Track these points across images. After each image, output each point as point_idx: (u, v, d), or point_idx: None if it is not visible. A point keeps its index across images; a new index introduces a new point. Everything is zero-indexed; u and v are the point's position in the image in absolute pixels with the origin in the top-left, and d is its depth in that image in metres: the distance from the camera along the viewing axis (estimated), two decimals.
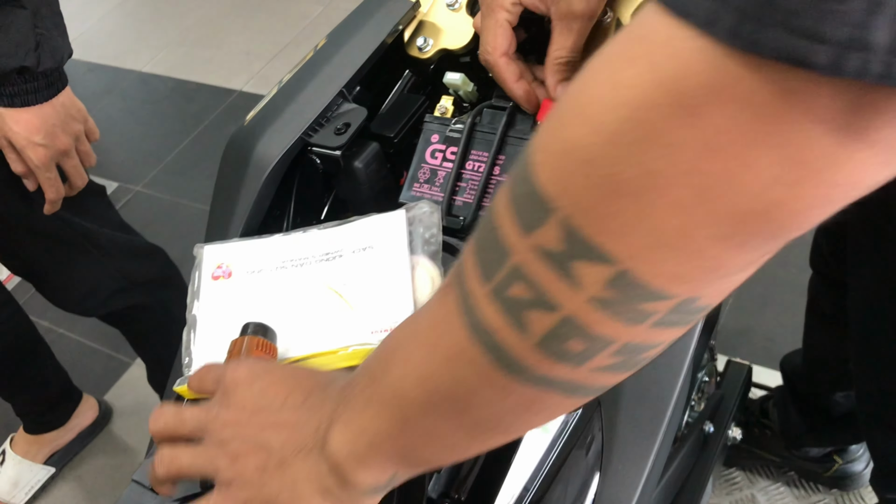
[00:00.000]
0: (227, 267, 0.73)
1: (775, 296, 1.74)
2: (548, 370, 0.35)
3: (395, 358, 0.41)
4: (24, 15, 0.99)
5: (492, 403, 0.37)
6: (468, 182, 0.72)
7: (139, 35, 3.27)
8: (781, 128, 0.27)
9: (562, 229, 0.31)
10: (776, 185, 0.28)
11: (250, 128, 0.80)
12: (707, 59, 0.26)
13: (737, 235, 0.30)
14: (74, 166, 1.15)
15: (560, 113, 0.32)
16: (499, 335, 0.34)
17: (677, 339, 0.59)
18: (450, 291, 0.37)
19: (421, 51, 0.82)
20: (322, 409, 0.47)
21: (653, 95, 0.28)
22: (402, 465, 0.44)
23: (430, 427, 0.41)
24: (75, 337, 2.13)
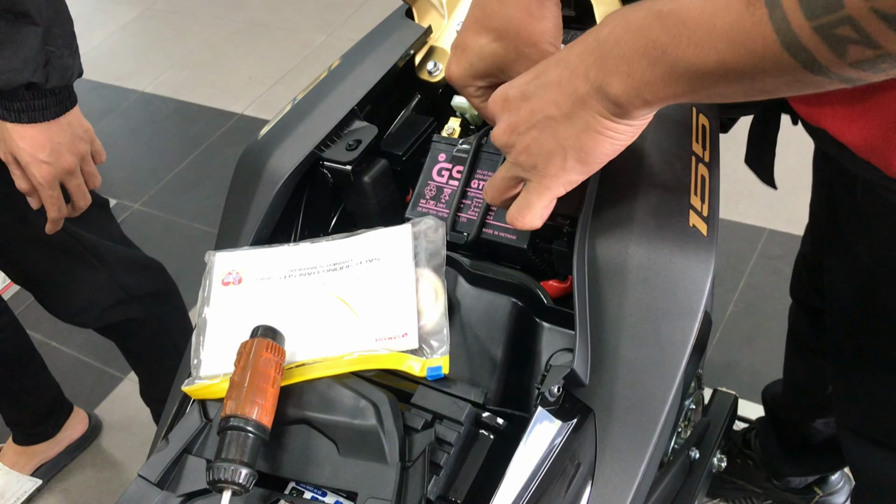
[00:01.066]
0: (238, 273, 0.76)
1: (761, 331, 1.77)
2: (849, 73, 0.45)
3: (687, 40, 0.49)
4: (35, 32, 1.01)
5: (783, 85, 0.48)
6: (473, 200, 0.76)
7: (143, 56, 3.32)
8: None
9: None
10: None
11: (264, 141, 0.83)
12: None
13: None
14: (78, 186, 1.15)
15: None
16: (817, 54, 0.44)
17: (671, 351, 0.62)
18: (757, 9, 0.45)
19: (431, 74, 0.86)
20: (579, 61, 0.56)
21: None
22: (679, 101, 0.54)
23: (716, 91, 0.51)
24: (68, 350, 2.13)
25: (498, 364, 0.68)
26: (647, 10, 0.52)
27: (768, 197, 2.04)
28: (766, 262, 1.93)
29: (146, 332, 1.55)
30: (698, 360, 1.06)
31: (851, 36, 0.42)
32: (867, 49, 0.43)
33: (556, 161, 0.60)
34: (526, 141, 0.61)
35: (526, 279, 0.71)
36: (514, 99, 0.62)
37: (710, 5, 0.48)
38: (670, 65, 0.51)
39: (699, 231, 0.66)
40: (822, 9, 0.42)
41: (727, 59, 0.48)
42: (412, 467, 0.60)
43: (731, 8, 0.46)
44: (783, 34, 0.44)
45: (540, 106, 0.59)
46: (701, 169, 0.70)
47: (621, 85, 0.54)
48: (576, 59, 0.57)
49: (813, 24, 0.43)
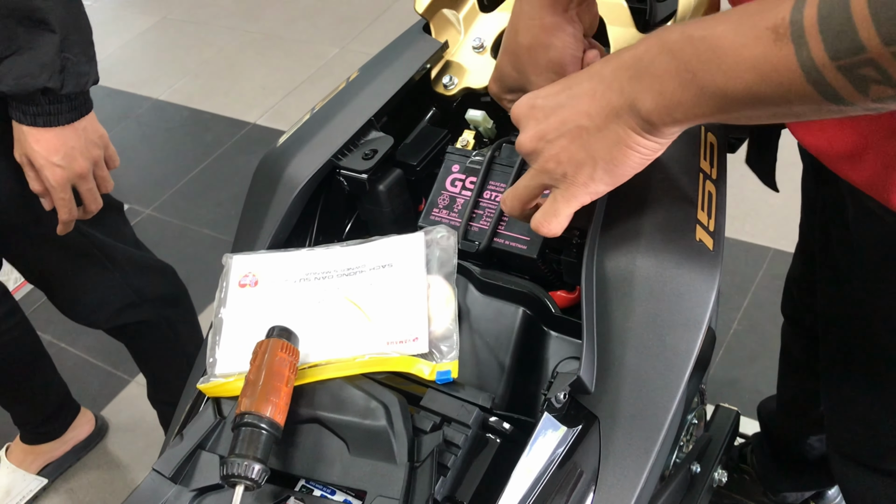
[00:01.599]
0: (254, 276, 0.78)
1: (765, 350, 1.78)
2: (872, 106, 0.48)
3: (717, 67, 0.51)
4: (52, 39, 1.04)
5: (808, 112, 0.51)
6: (484, 210, 0.77)
7: (158, 64, 3.36)
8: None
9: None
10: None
11: (283, 148, 0.85)
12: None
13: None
14: (90, 190, 1.18)
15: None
16: (840, 90, 0.47)
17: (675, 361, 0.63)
18: (784, 45, 0.47)
19: (446, 88, 0.88)
20: (614, 76, 0.58)
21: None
22: (709, 122, 0.57)
23: (743, 114, 0.53)
24: (76, 352, 2.15)
25: (505, 370, 0.70)
26: (681, 32, 0.54)
27: (774, 217, 2.05)
28: (771, 281, 1.94)
29: (156, 334, 1.56)
30: (702, 375, 1.08)
31: (874, 76, 0.45)
32: (889, 88, 0.45)
33: (586, 171, 0.62)
34: (555, 149, 0.62)
35: (535, 288, 0.73)
36: (542, 107, 0.64)
37: (741, 36, 0.50)
38: (700, 87, 0.53)
39: (705, 245, 0.68)
40: (845, 51, 0.45)
41: (754, 88, 0.50)
42: (420, 468, 0.62)
43: (760, 41, 0.48)
44: (808, 70, 0.47)
45: (571, 116, 0.61)
46: (708, 185, 0.72)
47: (653, 103, 0.56)
48: (610, 74, 0.59)
49: (836, 63, 0.45)
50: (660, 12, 0.83)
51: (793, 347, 1.29)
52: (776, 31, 0.47)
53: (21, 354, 1.62)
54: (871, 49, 0.44)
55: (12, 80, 1.03)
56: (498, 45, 0.90)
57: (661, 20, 0.83)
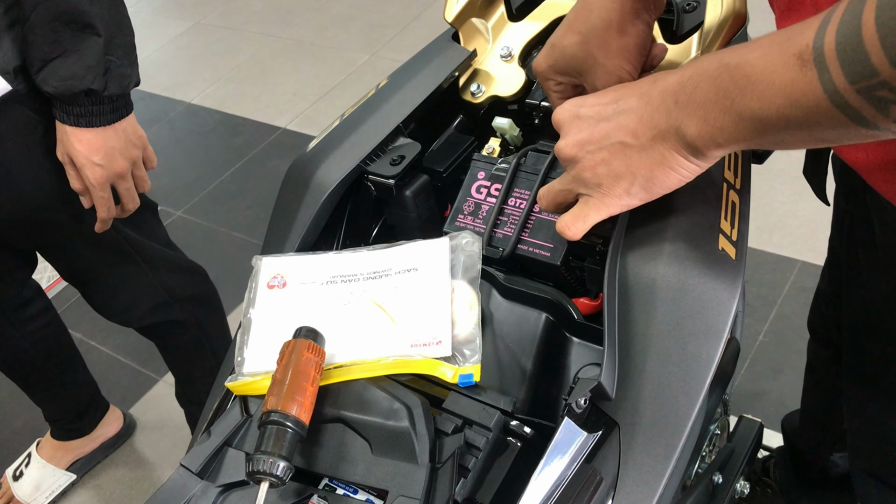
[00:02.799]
0: (282, 277, 0.79)
1: (790, 363, 1.77)
2: (892, 126, 0.49)
3: (751, 93, 0.53)
4: (97, 42, 1.07)
5: (840, 136, 0.52)
6: (509, 217, 0.78)
7: (191, 69, 3.41)
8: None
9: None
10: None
11: (313, 153, 0.87)
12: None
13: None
14: (128, 189, 1.21)
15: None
16: (862, 111, 0.48)
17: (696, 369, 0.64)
18: (809, 71, 0.49)
19: (474, 96, 0.89)
20: (661, 99, 0.61)
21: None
22: (749, 147, 0.59)
23: (779, 138, 0.55)
24: (106, 350, 2.19)
25: (527, 375, 0.71)
26: (718, 61, 0.56)
27: (802, 229, 2.04)
28: (797, 293, 1.93)
29: (186, 334, 1.59)
30: (725, 386, 1.08)
31: (890, 97, 0.46)
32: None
33: (623, 185, 0.64)
34: (594, 160, 0.64)
35: (558, 295, 0.74)
36: (587, 117, 0.65)
37: (770, 63, 0.52)
38: (738, 114, 0.55)
39: (728, 255, 0.68)
40: (860, 74, 0.46)
41: (785, 113, 0.52)
42: (441, 469, 0.63)
43: (788, 67, 0.50)
44: (831, 94, 0.48)
45: (615, 131, 0.63)
46: (732, 195, 0.72)
47: (697, 129, 0.58)
48: (658, 97, 0.61)
49: (856, 87, 0.47)
50: (686, 23, 0.84)
51: (818, 363, 1.28)
52: (801, 57, 0.49)
53: (53, 352, 1.65)
54: (882, 72, 0.45)
55: (58, 82, 1.07)
56: (526, 54, 0.91)
57: (688, 31, 0.83)
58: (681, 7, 0.85)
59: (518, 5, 0.94)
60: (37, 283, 1.58)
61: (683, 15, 0.84)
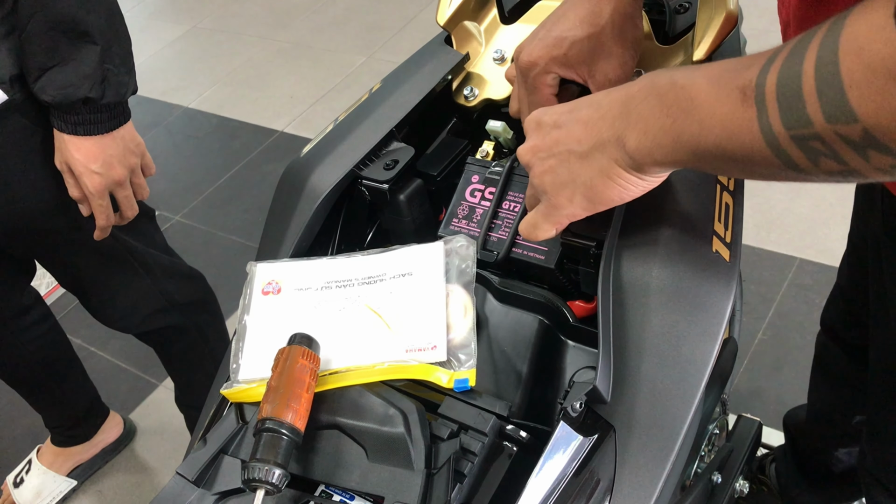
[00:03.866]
0: (277, 283, 0.79)
1: (789, 360, 1.77)
2: (826, 179, 0.48)
3: (692, 117, 0.53)
4: (94, 51, 1.07)
5: (771, 174, 0.52)
6: (503, 220, 0.78)
7: (188, 73, 3.41)
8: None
9: (863, 133, 0.43)
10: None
11: (307, 158, 0.86)
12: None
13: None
14: (126, 197, 1.21)
15: (868, 33, 0.42)
16: (794, 159, 0.48)
17: (691, 371, 0.64)
18: (749, 108, 0.49)
19: (467, 99, 0.89)
20: (609, 109, 0.60)
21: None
22: (689, 167, 0.58)
23: (715, 166, 0.55)
24: (106, 356, 2.19)
25: (523, 379, 0.71)
26: (669, 77, 0.56)
27: (800, 226, 2.04)
28: (796, 291, 1.93)
29: (185, 339, 1.59)
30: (723, 386, 1.08)
31: (822, 150, 0.46)
32: (836, 163, 0.46)
33: (566, 193, 0.64)
34: (544, 167, 0.65)
35: (553, 298, 0.74)
36: (546, 125, 0.66)
37: (715, 90, 0.51)
38: (677, 134, 0.54)
39: (721, 257, 0.68)
40: (795, 121, 0.46)
41: (721, 144, 0.51)
42: (437, 475, 0.63)
43: (730, 99, 0.50)
44: (766, 135, 0.48)
45: (565, 138, 0.63)
46: (725, 197, 0.72)
47: (636, 141, 0.58)
48: (606, 105, 0.61)
49: (790, 133, 0.46)
50: (679, 24, 0.84)
51: (829, 358, 1.27)
52: (744, 92, 0.49)
53: (53, 359, 1.65)
54: (816, 124, 0.45)
55: (55, 91, 1.07)
56: None
57: (680, 32, 0.83)
58: (673, 8, 0.85)
59: (510, 8, 0.94)
60: (35, 291, 1.58)
61: (675, 16, 0.84)
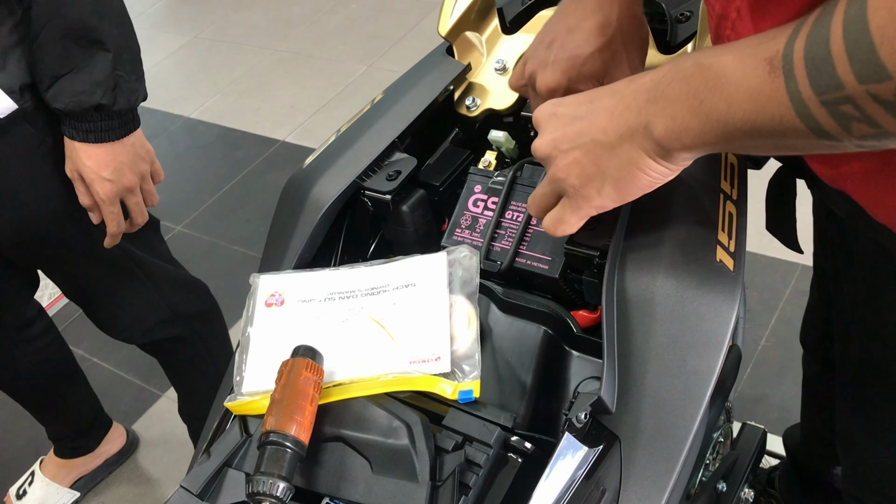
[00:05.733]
0: (280, 295, 0.79)
1: (793, 367, 1.76)
2: (858, 143, 0.48)
3: (720, 94, 0.53)
4: (106, 57, 1.08)
5: (803, 146, 0.52)
6: (507, 230, 0.78)
7: (190, 83, 3.42)
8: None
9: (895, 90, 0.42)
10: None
11: (309, 170, 0.87)
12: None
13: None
14: (137, 203, 1.22)
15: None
16: (825, 127, 0.47)
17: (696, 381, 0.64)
18: (777, 78, 0.48)
19: (469, 110, 0.89)
20: (633, 97, 0.60)
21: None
22: (716, 151, 0.58)
23: (746, 144, 0.55)
24: (109, 367, 2.19)
25: (527, 389, 0.71)
26: (694, 60, 0.55)
27: (802, 233, 2.03)
28: (799, 297, 1.92)
29: (189, 350, 1.59)
30: (727, 393, 1.08)
31: (854, 114, 0.45)
32: (869, 127, 0.45)
33: (594, 185, 0.63)
34: (567, 159, 0.64)
35: (557, 308, 0.74)
36: (563, 116, 0.65)
37: (742, 66, 0.51)
38: (706, 115, 0.54)
39: (725, 266, 0.68)
40: (825, 86, 0.46)
41: (751, 118, 0.51)
42: (442, 487, 0.63)
43: (757, 72, 0.50)
44: (796, 104, 0.48)
45: (588, 128, 0.62)
46: (729, 206, 0.72)
47: (664, 127, 0.57)
48: (631, 95, 0.60)
49: (820, 98, 0.46)
50: (680, 33, 0.84)
51: (812, 376, 1.27)
52: (771, 63, 0.49)
53: (55, 371, 1.65)
54: (847, 86, 0.44)
55: (68, 98, 1.07)
56: None
57: (681, 41, 0.84)
58: (674, 17, 0.85)
59: (511, 18, 0.94)
60: (38, 304, 1.58)
61: (677, 25, 0.84)
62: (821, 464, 1.33)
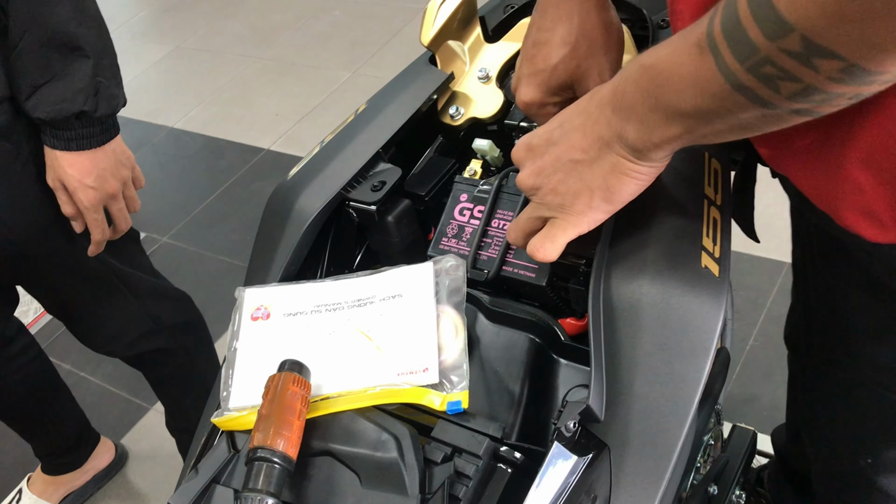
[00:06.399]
0: (266, 309, 0.78)
1: (781, 366, 1.76)
2: (792, 105, 0.49)
3: (667, 88, 0.55)
4: (87, 64, 1.08)
5: (756, 120, 0.52)
6: (493, 239, 0.78)
7: (173, 93, 3.40)
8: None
9: (801, 40, 0.44)
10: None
11: (293, 182, 0.86)
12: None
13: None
14: (120, 209, 1.22)
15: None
16: (758, 91, 0.49)
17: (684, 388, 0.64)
18: (706, 57, 0.50)
19: (453, 118, 0.89)
20: (599, 111, 0.62)
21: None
22: (687, 143, 0.59)
23: (705, 131, 0.56)
24: (95, 380, 2.17)
25: (516, 399, 0.70)
26: (639, 63, 0.58)
27: (788, 232, 2.04)
28: (786, 296, 1.91)
29: (173, 362, 1.58)
30: (716, 396, 1.08)
31: (775, 73, 0.47)
32: (792, 83, 0.47)
33: (583, 200, 0.65)
34: (553, 182, 0.65)
35: (544, 316, 0.74)
36: (538, 146, 0.67)
37: (677, 55, 0.53)
38: (663, 110, 0.56)
39: (711, 272, 0.68)
40: (744, 53, 0.48)
41: (698, 103, 0.53)
42: (432, 500, 0.62)
43: (691, 57, 0.52)
44: (728, 77, 0.50)
45: (565, 151, 0.64)
46: (713, 212, 0.72)
47: (635, 131, 0.59)
48: (596, 109, 0.62)
49: (744, 66, 0.48)
50: (661, 40, 0.84)
51: (797, 374, 1.28)
52: (699, 45, 0.51)
53: (39, 388, 1.63)
54: (761, 48, 0.46)
55: (50, 107, 1.07)
56: (503, 75, 0.91)
57: None
58: (655, 23, 0.85)
59: (494, 26, 0.94)
60: (18, 321, 1.56)
61: (658, 31, 0.84)
62: (806, 463, 1.33)
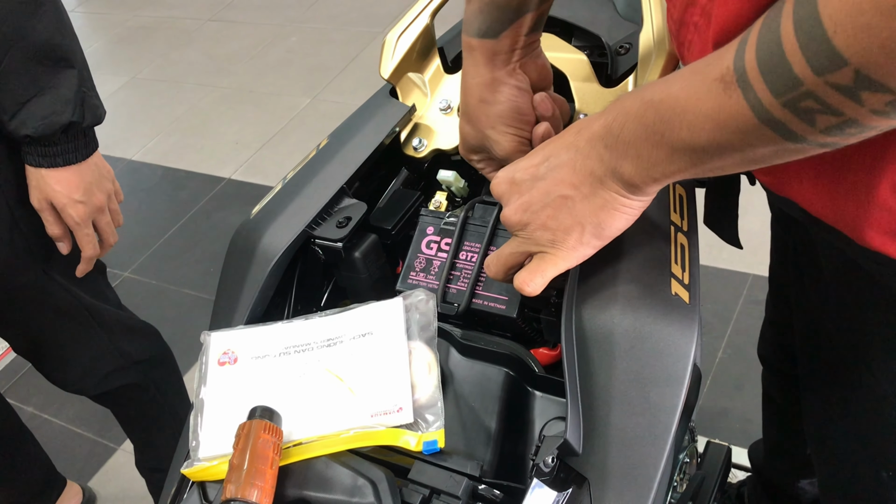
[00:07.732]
0: (233, 353, 0.77)
1: (751, 377, 1.79)
2: (823, 139, 0.49)
3: (679, 124, 0.54)
4: (73, 74, 1.07)
5: (771, 154, 0.52)
6: (461, 271, 0.78)
7: (130, 125, 3.36)
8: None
9: (853, 74, 0.43)
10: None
11: (256, 220, 0.85)
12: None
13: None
14: (108, 223, 1.21)
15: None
16: (790, 125, 0.48)
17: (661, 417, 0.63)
18: (733, 92, 0.49)
19: (416, 150, 0.89)
20: (590, 147, 0.61)
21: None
22: (688, 177, 0.59)
23: (715, 164, 0.55)
24: (61, 422, 2.12)
25: (492, 435, 0.70)
26: (641, 99, 0.57)
27: (751, 242, 2.06)
28: (752, 307, 1.95)
29: (143, 398, 1.54)
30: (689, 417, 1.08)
31: (816, 107, 0.46)
32: (832, 117, 0.47)
33: (574, 235, 0.64)
34: (542, 218, 0.65)
35: (517, 349, 0.73)
36: (523, 181, 0.66)
37: (694, 91, 0.52)
38: (670, 146, 0.55)
39: (681, 299, 0.68)
40: (784, 87, 0.47)
41: (716, 137, 0.52)
42: None
43: (712, 93, 0.51)
44: (758, 112, 0.49)
45: (554, 186, 0.64)
46: (680, 238, 0.72)
47: (632, 167, 0.59)
48: (586, 145, 0.62)
49: (780, 100, 0.47)
50: (621, 66, 0.84)
51: (773, 392, 1.29)
52: (723, 80, 0.50)
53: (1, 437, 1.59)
54: (806, 82, 0.45)
55: (38, 122, 1.05)
56: None
57: (622, 74, 0.84)
58: (614, 50, 0.85)
59: (453, 57, 0.94)
60: None
61: (617, 58, 0.85)
62: (787, 478, 1.34)
